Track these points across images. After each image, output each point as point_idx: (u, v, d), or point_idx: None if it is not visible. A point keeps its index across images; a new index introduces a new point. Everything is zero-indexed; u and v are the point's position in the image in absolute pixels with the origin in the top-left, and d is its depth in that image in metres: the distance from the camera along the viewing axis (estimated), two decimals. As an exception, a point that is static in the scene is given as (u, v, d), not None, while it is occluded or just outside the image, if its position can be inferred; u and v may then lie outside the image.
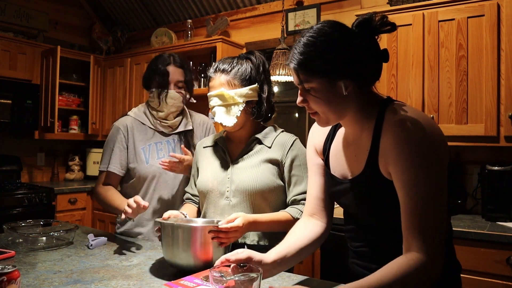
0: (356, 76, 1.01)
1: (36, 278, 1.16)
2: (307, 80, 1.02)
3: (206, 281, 1.02)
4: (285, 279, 1.21)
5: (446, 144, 1.02)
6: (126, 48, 4.41)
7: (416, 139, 0.94)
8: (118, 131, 1.82)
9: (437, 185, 0.94)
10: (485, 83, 2.18)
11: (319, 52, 0.99)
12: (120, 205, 1.62)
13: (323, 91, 1.01)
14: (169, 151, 1.83)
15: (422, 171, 0.93)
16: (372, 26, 1.01)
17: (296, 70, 1.03)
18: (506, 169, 2.23)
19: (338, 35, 1.00)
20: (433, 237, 0.92)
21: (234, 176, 1.44)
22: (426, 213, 0.92)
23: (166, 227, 1.22)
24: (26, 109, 3.54)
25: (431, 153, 0.95)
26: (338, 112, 1.04)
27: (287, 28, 3.21)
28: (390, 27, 1.01)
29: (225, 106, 1.43)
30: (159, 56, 1.85)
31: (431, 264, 0.90)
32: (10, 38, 3.57)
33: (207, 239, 1.19)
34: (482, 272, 1.93)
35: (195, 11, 3.86)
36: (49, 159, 4.12)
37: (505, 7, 2.14)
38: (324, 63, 0.99)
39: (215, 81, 1.45)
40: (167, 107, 1.80)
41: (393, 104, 1.03)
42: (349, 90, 1.01)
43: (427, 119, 0.99)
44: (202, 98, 3.45)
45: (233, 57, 1.49)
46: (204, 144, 1.62)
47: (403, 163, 0.95)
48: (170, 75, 1.78)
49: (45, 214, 3.17)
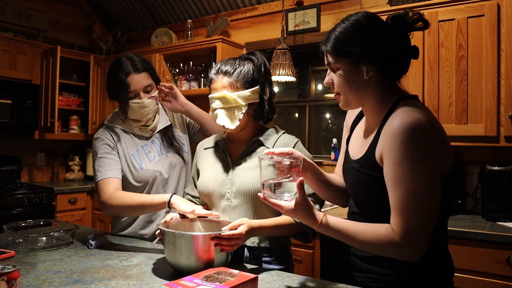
0: (379, 65, 1.06)
1: (36, 278, 1.16)
2: (334, 61, 1.09)
3: (206, 281, 1.02)
4: (285, 279, 1.21)
5: (446, 146, 1.04)
6: (126, 48, 4.41)
7: (411, 135, 0.97)
8: (103, 143, 1.73)
9: (424, 183, 0.97)
10: (485, 83, 2.18)
11: (347, 36, 1.07)
12: (154, 199, 1.52)
13: (347, 72, 1.08)
14: (158, 151, 1.81)
15: (410, 167, 0.96)
16: (405, 21, 1.08)
17: (326, 51, 1.11)
18: (506, 169, 2.23)
19: (368, 22, 1.07)
20: (415, 231, 0.97)
21: (235, 178, 1.43)
22: (410, 212, 0.97)
23: (168, 235, 1.22)
24: (26, 109, 3.54)
25: (423, 152, 0.97)
26: (358, 95, 1.11)
27: (287, 28, 3.21)
28: (423, 24, 1.08)
29: (228, 109, 1.42)
30: (116, 66, 1.70)
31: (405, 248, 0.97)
32: (10, 38, 3.57)
33: (209, 246, 1.19)
34: (482, 272, 1.93)
35: (195, 11, 3.86)
36: (49, 159, 4.12)
37: (505, 7, 2.14)
38: (350, 45, 1.06)
39: (217, 83, 1.44)
40: (144, 115, 1.74)
41: (407, 100, 1.06)
42: (370, 76, 1.07)
43: (430, 119, 1.00)
44: (202, 98, 3.46)
45: (235, 58, 1.48)
46: (204, 145, 1.61)
47: (395, 155, 0.99)
48: (135, 85, 1.68)
49: (45, 214, 3.17)
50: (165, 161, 1.81)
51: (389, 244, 0.99)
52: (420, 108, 1.02)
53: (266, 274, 1.25)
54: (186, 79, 3.53)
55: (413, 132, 0.96)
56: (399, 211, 0.98)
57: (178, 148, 1.85)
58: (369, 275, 1.11)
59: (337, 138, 3.03)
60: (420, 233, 0.97)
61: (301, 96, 3.57)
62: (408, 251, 0.98)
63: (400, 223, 0.98)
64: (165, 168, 1.80)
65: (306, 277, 1.24)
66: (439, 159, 1.00)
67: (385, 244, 0.99)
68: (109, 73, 1.75)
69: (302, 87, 3.55)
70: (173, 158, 1.83)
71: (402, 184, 0.97)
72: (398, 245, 0.98)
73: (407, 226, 0.97)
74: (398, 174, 0.98)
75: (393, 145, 0.99)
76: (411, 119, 0.98)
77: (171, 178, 1.81)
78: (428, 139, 0.98)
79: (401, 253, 0.99)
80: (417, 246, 0.97)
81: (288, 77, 2.93)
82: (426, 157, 0.97)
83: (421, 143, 0.97)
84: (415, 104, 1.04)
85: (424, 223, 0.97)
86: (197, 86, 3.50)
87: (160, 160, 1.80)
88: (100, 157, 1.70)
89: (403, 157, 0.97)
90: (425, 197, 0.97)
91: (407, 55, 1.10)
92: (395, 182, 0.99)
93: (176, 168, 1.83)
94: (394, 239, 0.98)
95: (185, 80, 3.53)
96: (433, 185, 0.98)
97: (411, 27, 1.08)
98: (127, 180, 1.75)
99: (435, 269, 1.06)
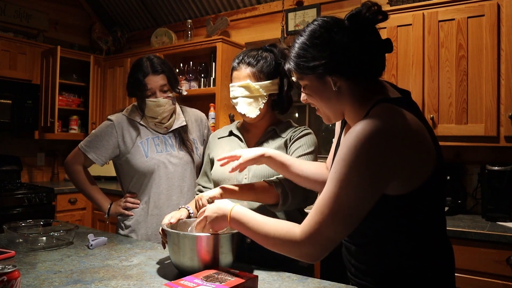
0: (345, 73, 1.00)
1: (36, 278, 1.16)
2: (300, 78, 1.06)
3: (206, 281, 1.02)
4: (285, 279, 1.21)
5: (419, 152, 0.96)
6: (126, 48, 4.41)
7: (358, 142, 0.91)
8: (112, 126, 1.85)
9: (351, 191, 0.92)
10: (485, 83, 2.18)
11: (305, 51, 1.02)
12: (103, 203, 1.89)
13: (314, 87, 1.05)
14: (166, 146, 1.86)
15: (343, 171, 0.93)
16: (362, 18, 0.99)
17: (290, 70, 1.08)
18: (506, 169, 2.23)
19: (324, 31, 1.00)
20: (319, 233, 0.95)
21: None
22: (323, 213, 0.94)
23: (172, 235, 1.22)
24: (26, 109, 3.54)
25: (365, 161, 0.91)
26: (333, 108, 1.06)
27: (287, 28, 3.21)
28: (382, 16, 1.00)
29: (250, 97, 1.47)
30: (136, 66, 1.82)
31: (303, 247, 0.97)
32: (10, 38, 3.57)
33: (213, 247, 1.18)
34: (482, 272, 1.93)
35: (195, 11, 3.86)
36: (49, 159, 4.12)
37: (505, 7, 2.14)
38: (308, 60, 1.01)
39: (240, 72, 1.49)
40: (159, 113, 1.82)
41: (381, 104, 0.98)
42: (339, 86, 1.01)
43: (396, 127, 0.93)
44: (202, 98, 3.48)
45: (257, 49, 1.54)
46: (218, 135, 1.65)
47: (338, 157, 0.96)
48: (152, 84, 1.78)
49: (45, 214, 3.17)
50: (173, 156, 1.85)
51: (288, 239, 0.98)
52: (386, 115, 0.94)
53: (266, 274, 1.25)
54: (186, 79, 3.52)
55: (362, 139, 0.91)
56: (314, 208, 0.97)
57: (190, 148, 1.89)
58: (362, 282, 1.09)
59: (337, 138, 3.02)
60: (323, 237, 0.94)
61: (301, 96, 3.57)
62: (305, 250, 0.96)
63: (309, 220, 0.97)
64: (171, 163, 1.84)
65: (306, 277, 1.24)
66: (389, 171, 0.92)
67: (284, 239, 0.99)
68: (130, 72, 1.86)
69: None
70: (182, 156, 1.87)
71: (330, 184, 0.95)
72: (297, 242, 0.97)
73: (313, 225, 0.95)
74: (331, 173, 0.96)
75: (341, 147, 0.96)
76: (367, 126, 0.91)
77: (176, 174, 1.85)
78: (378, 150, 0.91)
79: (298, 251, 0.98)
80: (316, 249, 0.96)
81: (288, 77, 2.93)
82: (366, 167, 0.91)
83: (365, 151, 0.91)
84: (385, 110, 0.96)
85: (332, 229, 0.94)
86: (197, 86, 3.50)
87: (167, 154, 1.85)
88: (99, 133, 1.85)
89: (342, 160, 0.93)
90: (346, 204, 0.92)
91: (377, 51, 1.02)
92: (327, 181, 0.97)
93: (184, 166, 1.87)
94: (294, 235, 0.97)
95: (185, 80, 3.53)
96: (363, 195, 0.92)
97: (372, 21, 0.99)
98: (129, 165, 1.84)
99: (429, 279, 1.02)
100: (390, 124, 0.93)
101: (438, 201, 1.05)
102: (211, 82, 3.42)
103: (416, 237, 1.02)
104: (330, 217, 0.93)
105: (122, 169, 1.89)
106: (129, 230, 1.85)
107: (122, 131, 1.84)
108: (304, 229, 0.97)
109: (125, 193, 1.90)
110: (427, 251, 1.03)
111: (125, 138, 1.83)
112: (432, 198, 1.01)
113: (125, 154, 1.83)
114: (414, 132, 0.96)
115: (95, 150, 1.83)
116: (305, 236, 0.96)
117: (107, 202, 1.90)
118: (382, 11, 1.00)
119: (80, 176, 1.89)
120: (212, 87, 3.36)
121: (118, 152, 1.84)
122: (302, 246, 0.97)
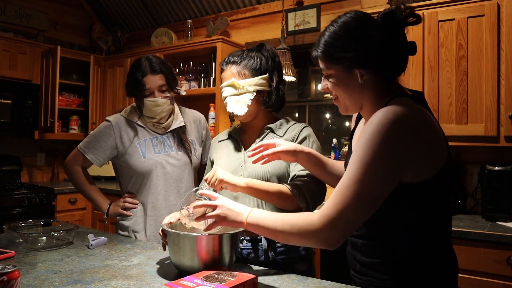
0: (373, 66, 1.03)
1: (36, 278, 1.16)
2: (326, 67, 1.07)
3: (206, 281, 1.02)
4: (285, 279, 1.21)
5: (434, 145, 0.99)
6: (126, 48, 4.41)
7: (381, 127, 0.94)
8: (110, 127, 1.86)
9: (373, 174, 0.94)
10: (485, 83, 2.18)
11: (337, 41, 1.04)
12: (102, 203, 1.90)
13: (340, 78, 1.06)
14: (164, 147, 1.86)
15: (366, 154, 0.94)
16: (396, 18, 1.03)
17: (317, 58, 1.09)
18: (506, 169, 2.23)
19: (357, 25, 1.03)
20: (339, 217, 0.94)
21: (247, 164, 1.47)
22: (344, 194, 0.95)
23: (172, 235, 1.22)
24: (26, 109, 3.54)
25: (387, 145, 0.94)
26: (354, 99, 1.08)
27: (287, 28, 3.21)
28: (415, 19, 1.03)
29: (237, 95, 1.47)
30: (135, 66, 1.82)
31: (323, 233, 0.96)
32: (10, 38, 3.57)
33: (213, 247, 1.18)
34: (482, 272, 1.93)
35: (195, 11, 3.86)
36: (49, 159, 4.12)
37: (505, 7, 2.14)
38: (340, 51, 1.03)
39: (226, 72, 1.50)
40: (157, 113, 1.82)
41: (399, 98, 1.02)
42: (365, 79, 1.04)
43: (414, 118, 0.97)
44: (202, 98, 3.48)
45: (244, 50, 1.55)
46: (219, 138, 1.67)
47: (359, 142, 0.97)
48: (151, 84, 1.78)
49: (45, 214, 3.18)
50: (171, 157, 1.85)
51: (307, 228, 0.97)
52: (406, 106, 0.97)
53: (266, 274, 1.25)
54: (186, 79, 3.52)
55: (385, 125, 0.94)
56: (334, 193, 0.97)
57: (188, 149, 1.89)
58: (367, 278, 1.10)
59: (337, 138, 3.03)
60: (343, 220, 0.94)
61: (301, 96, 3.57)
62: (323, 235, 0.96)
63: (328, 204, 0.96)
64: (168, 163, 1.84)
65: (305, 277, 1.24)
66: (408, 158, 0.95)
67: (302, 229, 0.98)
68: (129, 71, 1.86)
69: (302, 87, 3.55)
70: (181, 157, 1.87)
71: (352, 167, 0.95)
72: (316, 228, 0.96)
73: (333, 208, 0.95)
74: (353, 157, 0.97)
75: (362, 133, 0.98)
76: (389, 113, 0.95)
77: (174, 175, 1.85)
78: (399, 136, 0.94)
79: (316, 238, 0.97)
80: (335, 233, 0.95)
81: (288, 77, 2.93)
82: (389, 152, 0.93)
83: (388, 137, 0.93)
84: (403, 102, 0.99)
85: (352, 212, 0.94)
86: (197, 86, 3.50)
87: (165, 154, 1.85)
88: (97, 134, 1.86)
89: (364, 144, 0.95)
90: (369, 188, 0.93)
91: (404, 52, 1.06)
92: (348, 166, 0.97)
93: (181, 167, 1.87)
94: (312, 222, 0.97)
95: (185, 80, 3.53)
96: (384, 180, 0.95)
97: (404, 23, 1.03)
98: (126, 165, 1.84)
99: (436, 273, 1.03)
100: (408, 113, 0.96)
101: (446, 197, 1.06)
102: (211, 82, 3.42)
103: (424, 231, 1.03)
104: (351, 199, 0.94)
105: (120, 169, 1.90)
106: (127, 230, 1.85)
107: (120, 132, 1.84)
108: (323, 213, 0.96)
109: (124, 193, 1.91)
110: (435, 245, 1.04)
111: (123, 138, 1.84)
112: (441, 192, 1.03)
113: (123, 154, 1.83)
114: (429, 124, 1.00)
115: (93, 151, 1.84)
116: (324, 221, 0.95)
117: (106, 202, 1.90)
118: (415, 13, 1.03)
119: (79, 177, 1.89)
120: (212, 87, 3.36)
121: (116, 152, 1.85)
122: (321, 231, 0.96)
